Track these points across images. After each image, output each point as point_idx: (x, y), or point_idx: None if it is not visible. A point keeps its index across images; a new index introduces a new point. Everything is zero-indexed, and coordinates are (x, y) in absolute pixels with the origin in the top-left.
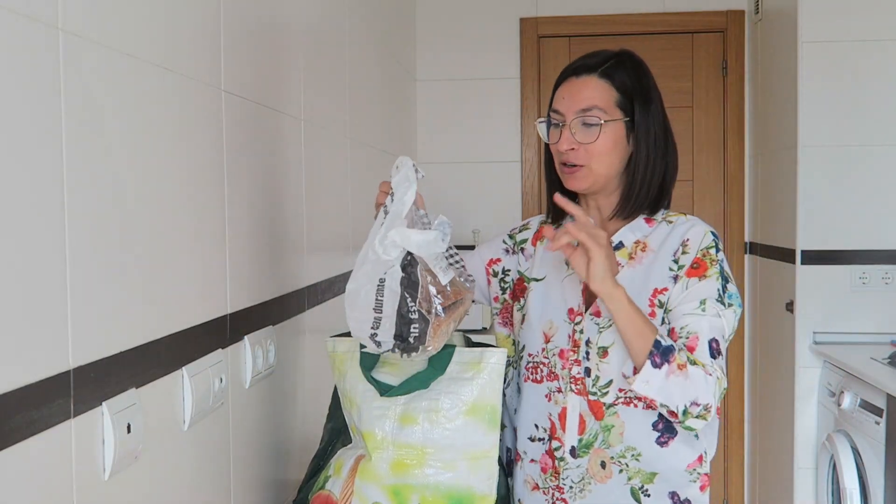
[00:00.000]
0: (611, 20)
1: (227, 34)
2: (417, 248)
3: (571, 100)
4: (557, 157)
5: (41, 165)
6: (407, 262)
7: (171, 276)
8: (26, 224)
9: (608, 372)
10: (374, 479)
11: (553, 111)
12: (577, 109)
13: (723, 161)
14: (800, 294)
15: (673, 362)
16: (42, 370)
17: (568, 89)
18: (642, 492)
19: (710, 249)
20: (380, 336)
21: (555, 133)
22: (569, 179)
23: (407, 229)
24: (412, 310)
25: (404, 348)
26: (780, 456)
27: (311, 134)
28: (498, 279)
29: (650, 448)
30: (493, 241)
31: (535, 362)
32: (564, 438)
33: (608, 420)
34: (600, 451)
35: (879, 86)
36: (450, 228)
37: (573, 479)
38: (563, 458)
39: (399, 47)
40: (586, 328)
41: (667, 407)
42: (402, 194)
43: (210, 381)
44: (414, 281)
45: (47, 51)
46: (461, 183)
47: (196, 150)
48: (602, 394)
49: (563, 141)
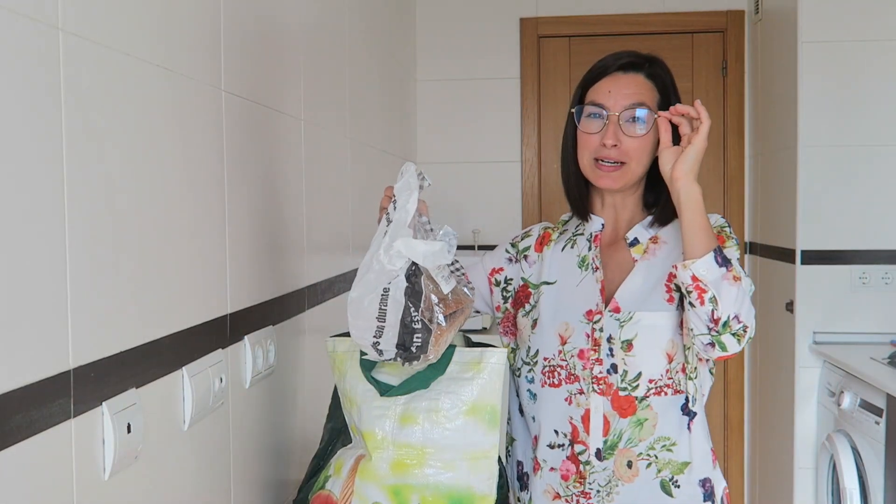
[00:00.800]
0: (611, 20)
1: (227, 34)
2: (423, 258)
3: (619, 94)
4: (592, 151)
5: (41, 165)
6: (411, 272)
7: (171, 275)
8: (26, 224)
9: (636, 365)
10: (374, 479)
11: (594, 104)
12: (626, 104)
13: (723, 161)
14: (800, 294)
15: (731, 270)
16: (42, 370)
17: (614, 83)
18: (673, 483)
19: (724, 228)
20: (382, 345)
21: (593, 124)
22: (602, 177)
23: (413, 240)
24: (415, 319)
25: (406, 357)
26: (780, 456)
27: (311, 134)
28: (500, 288)
29: (681, 435)
30: (496, 251)
31: (551, 366)
32: (589, 441)
33: (641, 413)
34: (626, 451)
35: (879, 86)
36: (455, 239)
37: (600, 483)
38: (588, 462)
39: (399, 47)
40: (606, 325)
41: (714, 307)
42: (404, 202)
43: (210, 381)
44: (417, 290)
45: (47, 51)
46: (461, 183)
47: (196, 149)
48: (633, 388)
49: (608, 135)
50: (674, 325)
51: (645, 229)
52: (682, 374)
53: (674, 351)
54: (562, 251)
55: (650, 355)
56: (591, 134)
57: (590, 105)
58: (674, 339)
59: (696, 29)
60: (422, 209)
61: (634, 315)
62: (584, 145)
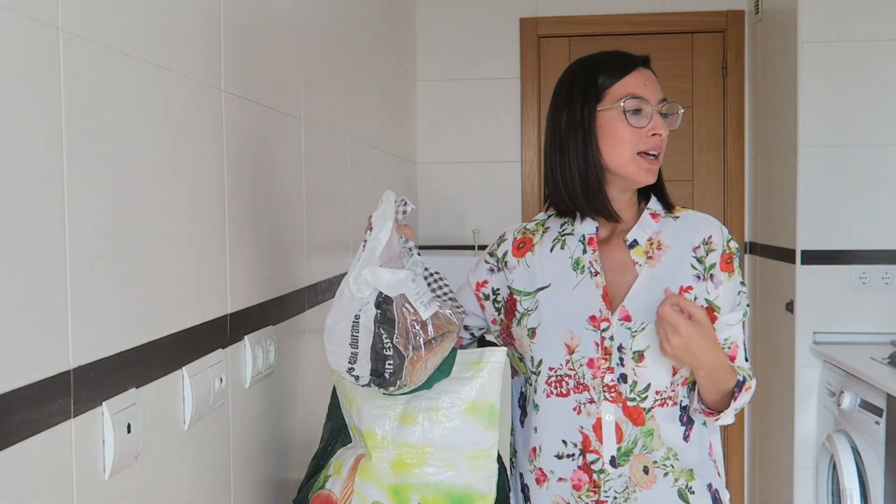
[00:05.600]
0: (611, 20)
1: (227, 34)
2: (387, 287)
3: (653, 87)
4: (635, 145)
5: (41, 165)
6: (381, 299)
7: (171, 275)
8: (26, 224)
9: (646, 376)
10: (374, 479)
11: (636, 97)
12: (660, 97)
13: (723, 161)
14: (800, 294)
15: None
16: (42, 370)
17: (645, 77)
18: (689, 490)
19: (734, 255)
20: (357, 370)
21: (640, 119)
22: (648, 171)
23: (379, 268)
24: (387, 346)
25: (380, 383)
26: (780, 456)
27: (311, 134)
28: (490, 301)
29: (680, 444)
30: (477, 266)
31: (558, 376)
32: (602, 449)
33: (649, 424)
34: (641, 457)
35: (879, 86)
36: (422, 267)
37: (616, 490)
38: (602, 470)
39: (399, 47)
40: (616, 333)
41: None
42: (377, 231)
43: (210, 381)
44: (390, 318)
45: (47, 51)
46: (461, 183)
47: (196, 149)
48: (641, 399)
49: (660, 125)
50: None
51: (643, 229)
52: (681, 388)
53: (680, 366)
54: (550, 252)
55: (659, 367)
56: (640, 128)
57: (630, 99)
58: None
59: (696, 29)
60: (407, 234)
61: (648, 326)
62: (627, 139)
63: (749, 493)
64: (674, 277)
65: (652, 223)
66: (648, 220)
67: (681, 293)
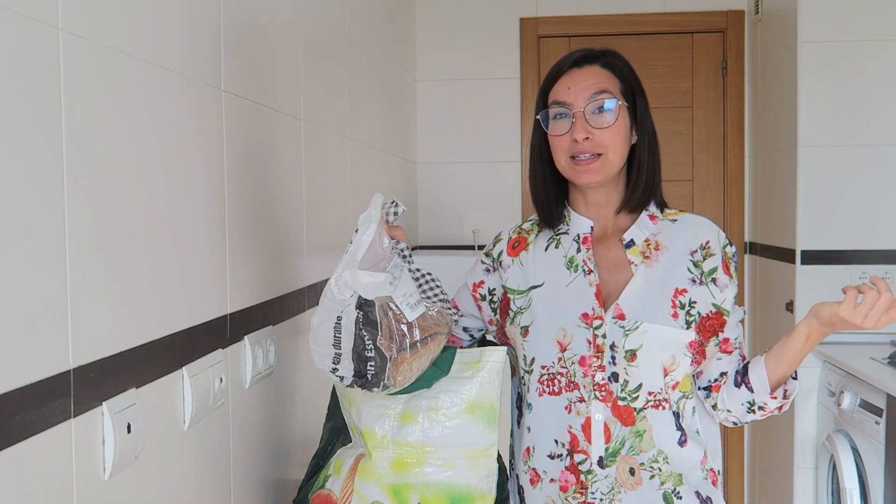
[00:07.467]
0: (611, 20)
1: (227, 34)
2: (364, 290)
3: (578, 87)
4: (566, 151)
5: (41, 165)
6: (363, 301)
7: (171, 275)
8: (26, 224)
9: (637, 376)
10: (374, 478)
11: (556, 104)
12: (588, 95)
13: (723, 161)
14: (800, 294)
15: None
16: (42, 370)
17: (572, 79)
18: (675, 495)
19: (732, 260)
20: (341, 371)
21: (561, 125)
22: (583, 173)
23: (358, 271)
24: (368, 348)
25: (362, 384)
26: (780, 456)
27: (311, 134)
28: (487, 302)
29: (674, 449)
30: (474, 267)
31: (550, 374)
32: (591, 450)
33: (639, 425)
34: (628, 458)
35: (879, 86)
36: (401, 271)
37: (602, 491)
38: (590, 471)
39: (399, 47)
40: (609, 332)
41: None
42: (361, 233)
43: (210, 381)
44: (372, 320)
45: (47, 51)
46: (461, 183)
47: (196, 149)
48: (632, 398)
49: (577, 129)
50: (676, 342)
51: (640, 229)
52: (672, 391)
53: (672, 367)
54: (545, 251)
55: (652, 368)
56: (561, 135)
57: (553, 106)
58: (674, 356)
59: (696, 29)
60: (399, 235)
61: (641, 325)
62: (558, 148)
63: (749, 492)
64: (670, 278)
65: (649, 224)
66: (646, 221)
67: (675, 295)
